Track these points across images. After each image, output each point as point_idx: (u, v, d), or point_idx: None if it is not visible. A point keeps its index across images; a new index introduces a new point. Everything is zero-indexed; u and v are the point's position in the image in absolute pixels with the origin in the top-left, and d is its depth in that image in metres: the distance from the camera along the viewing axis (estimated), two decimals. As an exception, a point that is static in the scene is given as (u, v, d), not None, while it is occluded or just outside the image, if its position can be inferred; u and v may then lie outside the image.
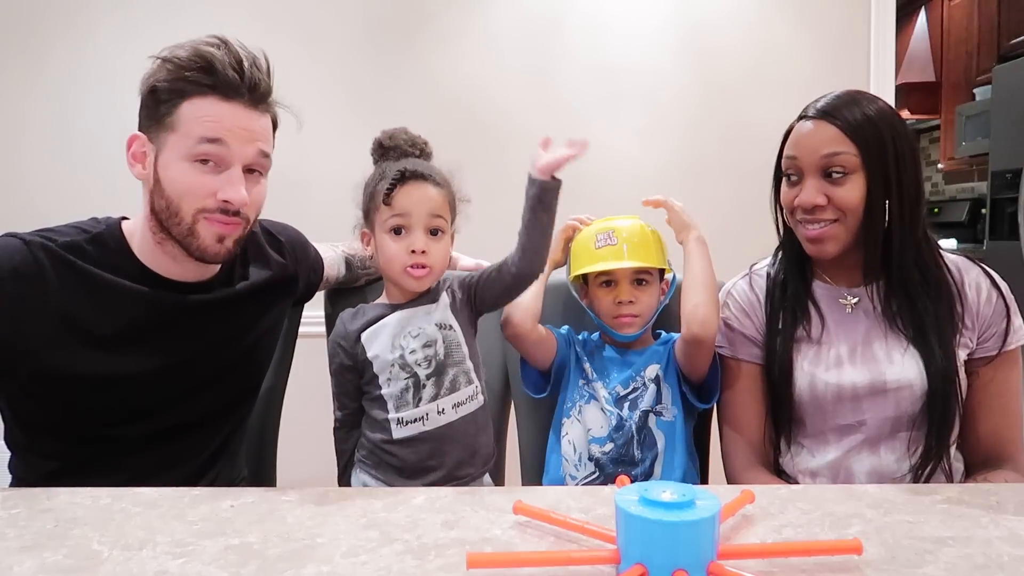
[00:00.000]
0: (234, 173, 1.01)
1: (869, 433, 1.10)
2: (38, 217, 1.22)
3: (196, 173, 0.99)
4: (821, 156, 1.08)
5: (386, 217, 1.09)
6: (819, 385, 1.11)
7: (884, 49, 2.31)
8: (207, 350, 1.10)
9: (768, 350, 1.16)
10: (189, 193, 1.00)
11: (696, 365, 1.18)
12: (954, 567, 0.68)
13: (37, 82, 2.30)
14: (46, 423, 1.05)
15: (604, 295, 1.22)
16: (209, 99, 0.99)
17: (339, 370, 1.13)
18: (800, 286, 1.17)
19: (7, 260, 0.98)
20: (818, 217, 1.09)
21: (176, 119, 0.99)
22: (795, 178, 1.12)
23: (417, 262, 1.08)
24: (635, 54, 2.33)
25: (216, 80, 0.99)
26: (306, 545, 0.74)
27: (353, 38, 2.31)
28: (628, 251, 1.19)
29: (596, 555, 0.69)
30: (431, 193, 1.09)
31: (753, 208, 2.27)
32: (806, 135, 1.10)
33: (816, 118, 1.10)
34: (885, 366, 1.09)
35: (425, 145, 1.16)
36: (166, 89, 0.98)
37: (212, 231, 1.02)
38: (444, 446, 1.09)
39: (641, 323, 1.22)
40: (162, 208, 1.01)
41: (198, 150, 0.99)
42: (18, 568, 0.69)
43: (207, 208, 1.01)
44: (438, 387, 1.09)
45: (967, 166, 4.17)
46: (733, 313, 1.21)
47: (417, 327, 1.10)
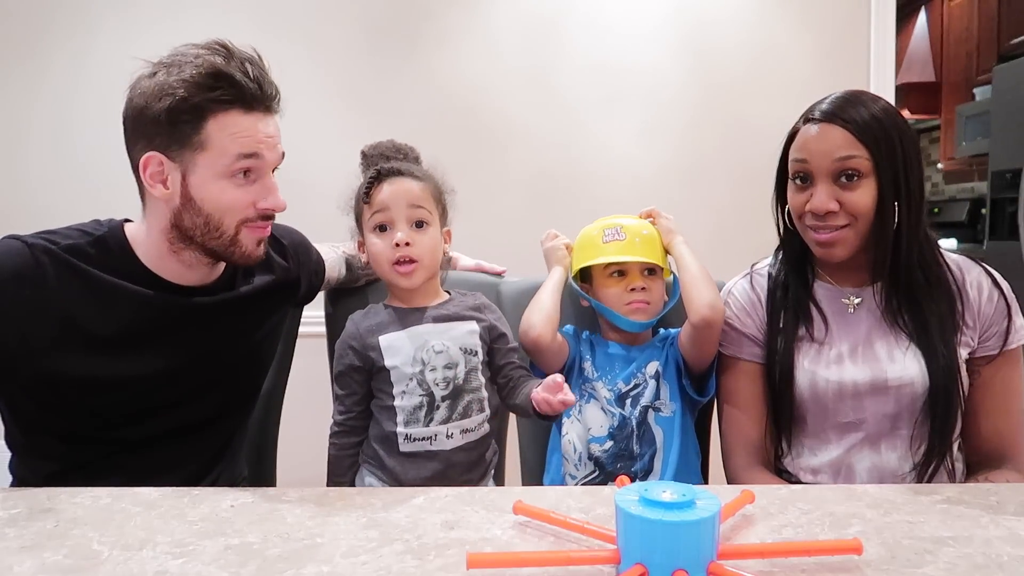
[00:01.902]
0: (268, 181, 1.03)
1: (869, 431, 1.10)
2: (41, 218, 1.22)
3: (234, 188, 1.00)
4: (834, 160, 1.06)
5: (368, 216, 1.10)
6: (820, 383, 1.11)
7: (884, 49, 2.31)
8: (209, 353, 1.10)
9: (769, 349, 1.16)
10: (231, 209, 1.01)
11: (705, 351, 1.19)
12: (954, 567, 0.68)
13: (40, 84, 2.30)
14: (47, 425, 1.05)
15: (614, 284, 1.23)
16: (232, 113, 0.98)
17: (347, 371, 1.11)
18: (801, 287, 1.17)
19: (9, 262, 0.98)
20: (829, 223, 1.08)
21: (204, 138, 0.98)
22: (805, 182, 1.11)
23: (402, 256, 1.08)
24: (635, 54, 2.33)
25: (236, 94, 0.98)
26: (306, 545, 0.74)
27: (353, 39, 2.31)
28: (638, 245, 1.22)
29: (596, 555, 0.69)
30: (409, 186, 1.10)
31: (753, 208, 2.28)
32: (816, 138, 1.08)
33: (824, 121, 1.08)
34: (886, 364, 1.10)
35: (411, 151, 1.17)
36: (186, 108, 0.96)
37: (253, 237, 1.04)
38: (448, 469, 1.09)
39: (652, 312, 1.23)
40: (198, 225, 1.01)
41: (237, 166, 0.99)
42: (18, 568, 0.69)
43: (249, 218, 1.02)
44: (451, 411, 1.09)
45: (967, 166, 4.17)
46: (734, 312, 1.21)
47: (442, 343, 1.09)
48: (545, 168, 2.30)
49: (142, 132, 0.99)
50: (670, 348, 1.24)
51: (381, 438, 1.11)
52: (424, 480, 1.07)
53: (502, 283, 1.41)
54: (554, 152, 2.31)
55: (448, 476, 1.09)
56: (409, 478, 1.08)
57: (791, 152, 1.13)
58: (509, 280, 1.42)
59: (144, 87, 0.98)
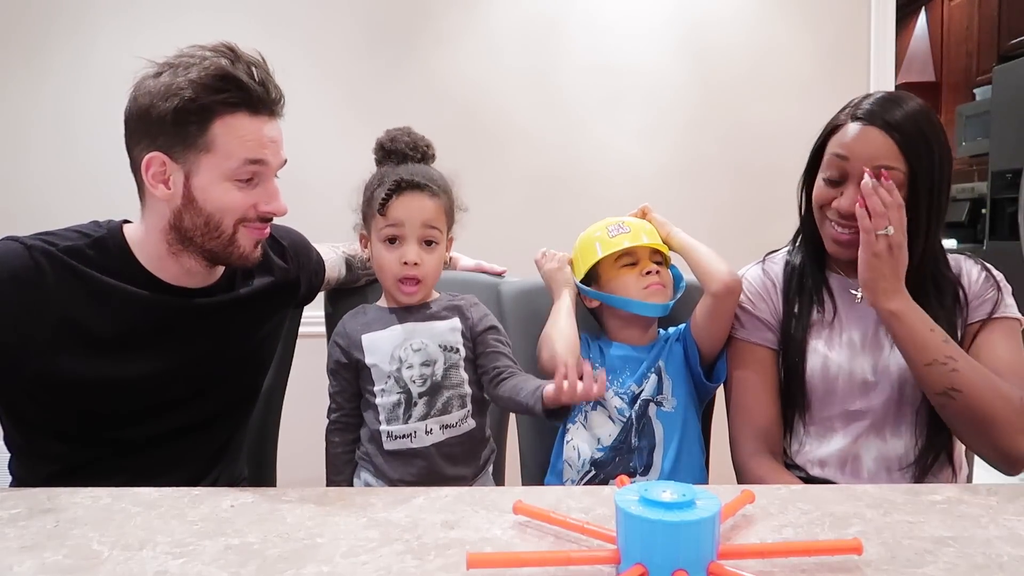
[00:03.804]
0: (271, 185, 1.04)
1: (875, 419, 1.12)
2: (41, 219, 1.22)
3: (237, 191, 1.01)
4: (873, 167, 1.05)
5: (381, 226, 1.10)
6: (831, 367, 1.13)
7: (884, 49, 2.30)
8: (209, 354, 1.10)
9: (784, 332, 1.18)
10: (232, 210, 1.01)
11: (722, 324, 1.20)
12: (954, 567, 0.68)
13: (41, 84, 2.30)
14: (47, 426, 1.05)
15: (628, 272, 1.24)
16: (239, 116, 0.98)
17: (336, 368, 1.14)
18: (819, 276, 1.19)
19: (7, 264, 0.98)
20: (852, 224, 1.08)
21: (209, 140, 0.98)
22: (837, 179, 1.11)
23: (408, 275, 1.09)
24: (635, 54, 2.32)
25: (243, 97, 0.98)
26: (306, 545, 0.74)
27: (353, 38, 2.31)
28: (644, 235, 1.25)
29: (596, 555, 0.69)
30: (426, 204, 1.09)
31: (753, 208, 2.29)
32: (860, 140, 1.08)
33: (870, 123, 1.08)
34: (889, 353, 1.11)
35: (428, 147, 1.16)
36: (193, 109, 0.96)
37: (251, 238, 1.04)
38: (434, 466, 1.09)
39: (667, 296, 1.25)
40: (198, 225, 1.01)
41: (244, 171, 1.00)
42: (18, 568, 0.69)
43: (247, 218, 1.03)
44: (429, 407, 1.09)
45: (967, 166, 4.17)
46: (748, 297, 1.22)
47: (420, 341, 1.10)
48: (545, 168, 2.30)
49: (145, 132, 0.99)
50: (675, 344, 1.25)
51: (370, 437, 1.12)
52: (413, 478, 1.08)
53: (502, 283, 1.41)
54: (554, 152, 2.31)
55: (437, 473, 1.09)
56: (398, 476, 1.09)
57: (832, 145, 1.12)
58: (509, 280, 1.42)
59: (149, 87, 0.97)
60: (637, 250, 1.24)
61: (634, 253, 1.24)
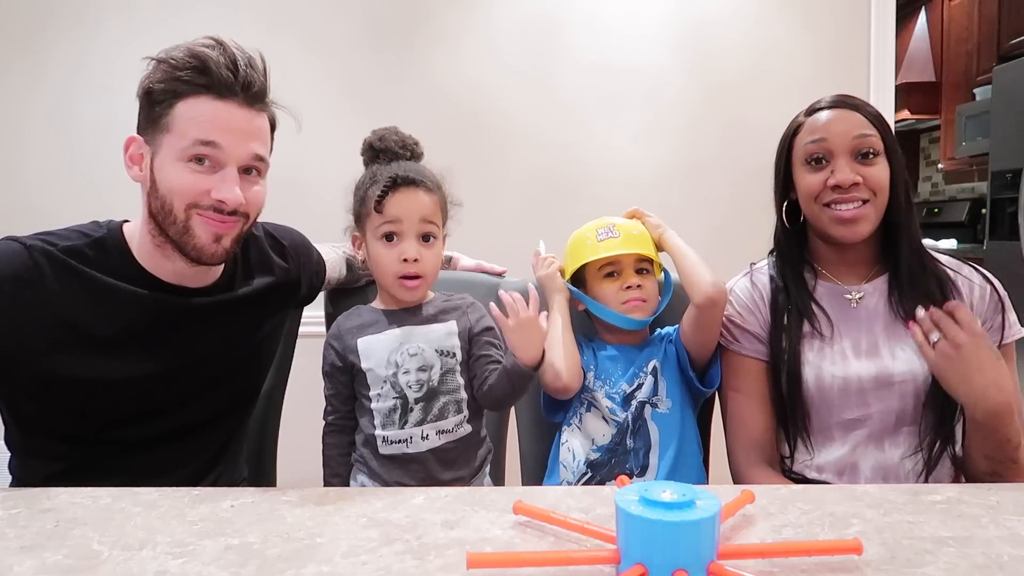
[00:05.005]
0: (228, 173, 1.00)
1: (874, 428, 1.11)
2: (39, 218, 1.22)
3: (189, 173, 0.99)
4: (853, 137, 1.12)
5: (377, 224, 1.08)
6: (826, 378, 1.12)
7: (884, 49, 2.31)
8: (208, 354, 1.10)
9: (773, 347, 1.17)
10: (180, 193, 0.99)
11: (709, 335, 1.19)
12: (954, 567, 0.68)
13: (39, 83, 2.30)
14: (46, 425, 1.05)
15: (609, 284, 1.23)
16: (203, 99, 0.98)
17: (331, 370, 1.12)
18: (802, 289, 1.18)
19: (7, 264, 0.98)
20: (853, 195, 1.11)
21: (171, 120, 0.98)
22: (821, 162, 1.14)
23: (409, 272, 1.08)
24: (635, 54, 2.33)
25: (210, 80, 0.98)
26: (306, 545, 0.74)
27: (353, 38, 2.31)
28: (633, 240, 1.24)
29: (596, 555, 0.69)
30: (422, 199, 1.09)
31: (753, 208, 2.28)
32: (833, 120, 1.14)
33: (836, 107, 1.15)
34: (889, 360, 1.11)
35: (415, 146, 1.15)
36: (161, 90, 0.98)
37: (208, 230, 1.01)
38: (430, 471, 1.08)
39: (650, 309, 1.24)
40: (158, 209, 1.00)
41: (192, 151, 0.98)
42: (18, 568, 0.69)
43: (199, 204, 1.00)
44: (425, 412, 1.08)
45: (967, 166, 4.17)
46: (737, 310, 1.21)
47: (417, 345, 1.09)
48: (545, 168, 2.30)
49: (139, 116, 1.02)
50: (668, 345, 1.24)
51: (365, 441, 1.11)
52: (409, 481, 1.07)
53: (502, 283, 1.41)
54: (554, 152, 2.31)
55: (432, 477, 1.08)
56: (394, 479, 1.08)
57: (801, 138, 1.16)
58: (509, 280, 1.42)
59: (143, 73, 1.01)
60: (621, 259, 1.23)
61: (617, 263, 1.23)
